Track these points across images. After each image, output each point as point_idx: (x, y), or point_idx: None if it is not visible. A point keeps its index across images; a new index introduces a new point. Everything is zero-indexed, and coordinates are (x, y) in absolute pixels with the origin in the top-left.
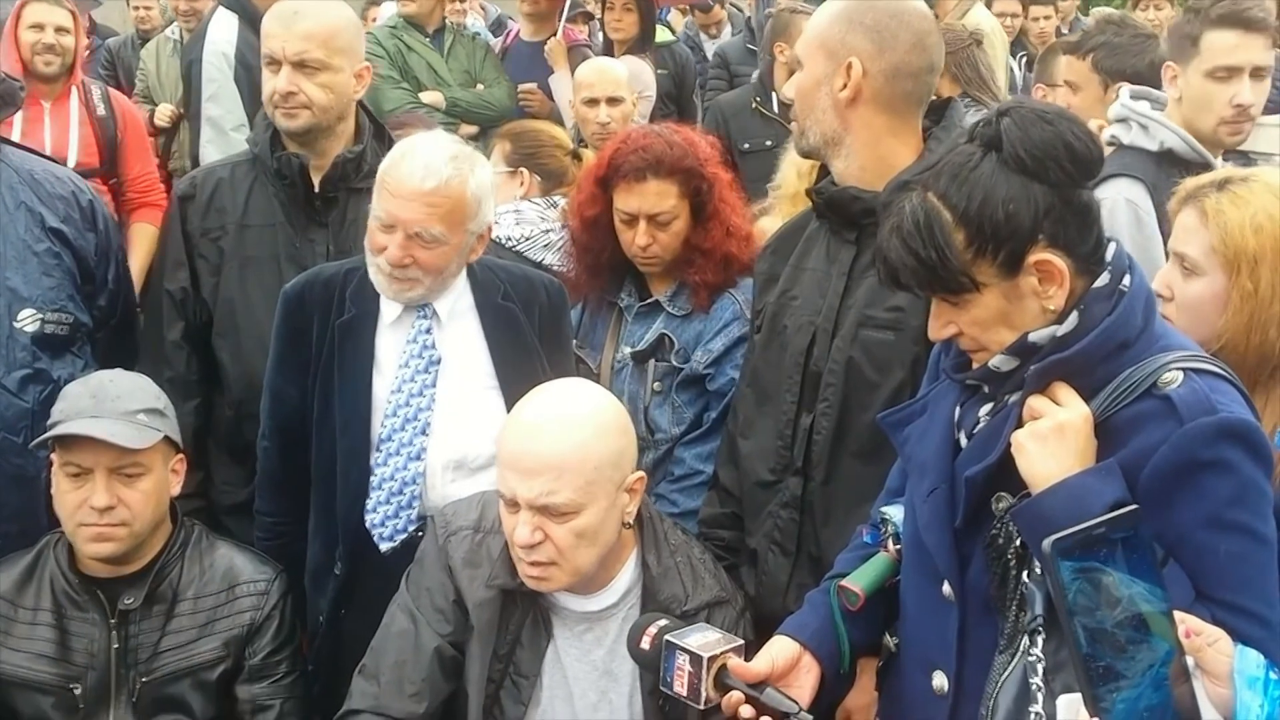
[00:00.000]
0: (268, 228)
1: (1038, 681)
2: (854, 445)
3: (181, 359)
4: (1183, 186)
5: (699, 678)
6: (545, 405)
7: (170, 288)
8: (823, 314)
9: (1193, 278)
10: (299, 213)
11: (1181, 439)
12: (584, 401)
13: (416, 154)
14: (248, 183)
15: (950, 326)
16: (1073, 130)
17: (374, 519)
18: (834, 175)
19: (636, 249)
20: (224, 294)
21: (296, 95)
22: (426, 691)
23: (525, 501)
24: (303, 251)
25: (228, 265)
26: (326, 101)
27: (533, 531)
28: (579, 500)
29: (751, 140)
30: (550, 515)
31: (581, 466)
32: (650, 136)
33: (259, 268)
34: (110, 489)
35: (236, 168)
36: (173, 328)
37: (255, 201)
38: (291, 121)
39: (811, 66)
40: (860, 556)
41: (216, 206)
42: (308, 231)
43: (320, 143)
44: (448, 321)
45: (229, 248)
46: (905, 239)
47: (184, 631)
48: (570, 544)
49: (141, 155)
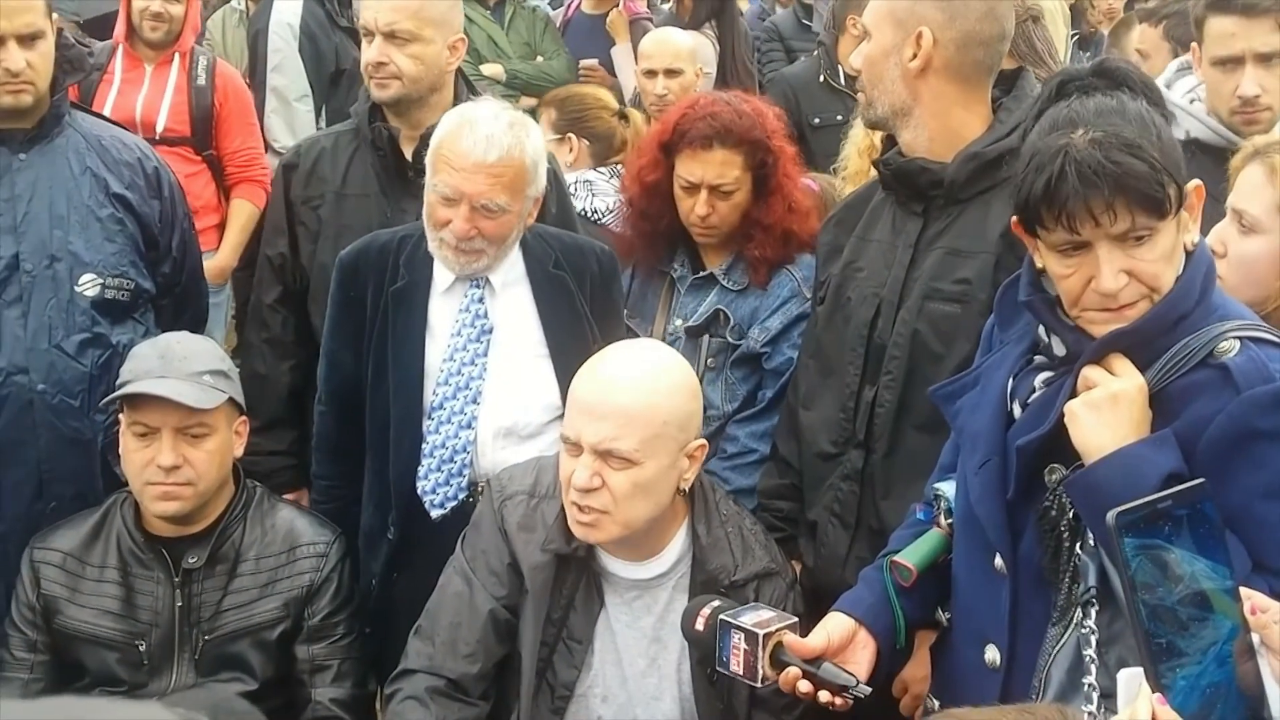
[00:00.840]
0: (363, 198)
1: (1091, 654)
2: (918, 418)
3: (278, 321)
4: (1250, 143)
5: (755, 656)
6: (623, 357)
7: (269, 253)
8: (888, 286)
9: (1251, 235)
10: (393, 183)
11: (1238, 408)
12: (660, 359)
13: (476, 125)
14: (348, 153)
15: (1124, 274)
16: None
17: (425, 486)
18: (901, 146)
19: (695, 218)
20: (319, 261)
21: (387, 66)
22: (480, 653)
23: (589, 445)
24: (394, 221)
25: (325, 233)
26: (416, 72)
27: (591, 476)
28: (642, 451)
29: (822, 115)
30: (611, 462)
31: (650, 419)
32: (719, 104)
33: (353, 237)
34: (176, 448)
35: (340, 137)
36: (270, 291)
37: (354, 171)
38: (383, 92)
39: (880, 36)
40: (914, 533)
41: (318, 175)
42: (401, 202)
43: (414, 114)
44: (500, 290)
45: (327, 216)
46: (1130, 149)
47: (245, 591)
48: (626, 493)
49: (243, 129)
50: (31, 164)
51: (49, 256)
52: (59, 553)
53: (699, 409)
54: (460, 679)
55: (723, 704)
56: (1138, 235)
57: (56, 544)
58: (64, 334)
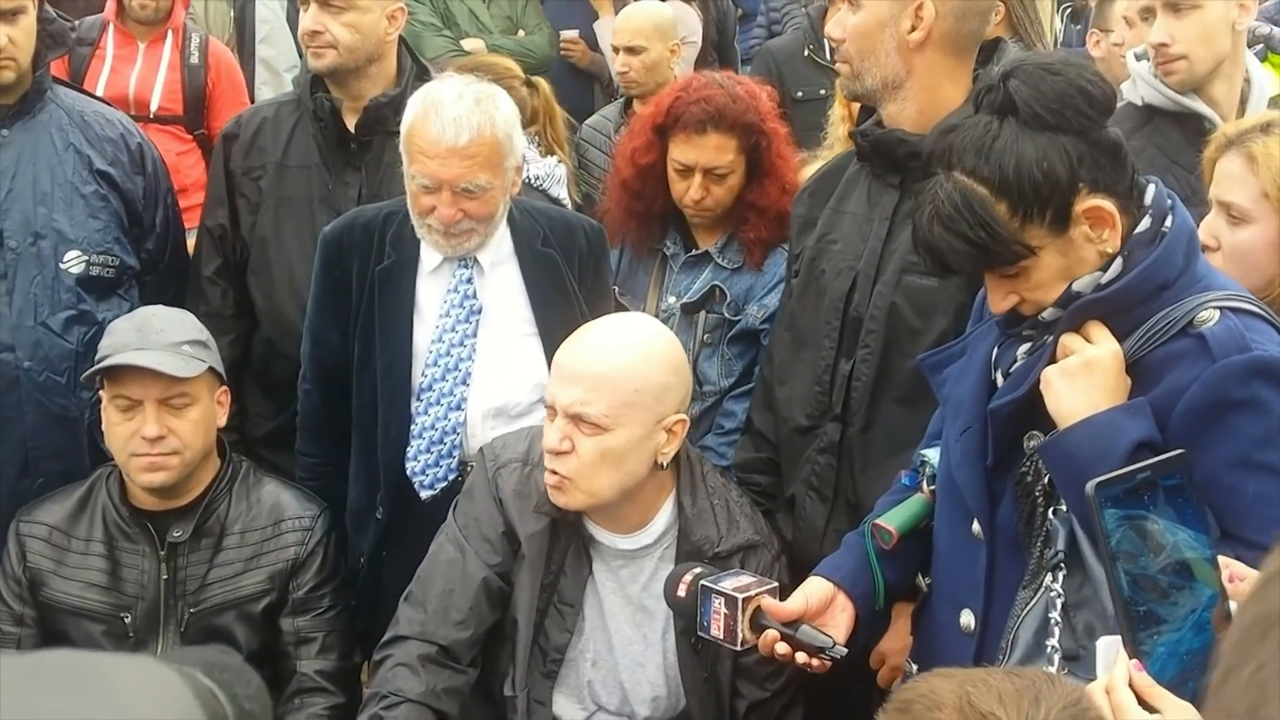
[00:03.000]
0: (304, 169)
1: (1056, 616)
2: (895, 391)
3: (217, 294)
4: (1220, 132)
5: (735, 619)
6: (607, 327)
7: (209, 224)
8: (864, 259)
9: (1241, 225)
10: (334, 155)
11: (1213, 377)
12: (645, 331)
13: (442, 108)
14: (290, 123)
15: (1011, 297)
16: (1082, 74)
17: (414, 467)
18: (884, 118)
19: (689, 201)
20: (260, 233)
21: (322, 34)
22: (472, 620)
23: (561, 407)
24: (336, 194)
25: (265, 204)
26: (352, 41)
27: (561, 439)
28: (611, 418)
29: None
30: (581, 426)
31: (621, 385)
32: (713, 87)
33: (293, 209)
34: (160, 419)
35: (282, 108)
36: (209, 263)
37: (295, 142)
38: (318, 61)
39: (874, 7)
40: (897, 498)
41: (258, 146)
42: (342, 175)
43: (352, 84)
44: (489, 270)
45: (267, 187)
46: (949, 225)
47: (230, 564)
48: (592, 460)
49: (235, 108)
50: (14, 140)
51: (33, 234)
52: (45, 526)
53: (680, 384)
54: (451, 645)
55: (707, 673)
56: (1003, 274)
57: (42, 517)
58: (50, 311)
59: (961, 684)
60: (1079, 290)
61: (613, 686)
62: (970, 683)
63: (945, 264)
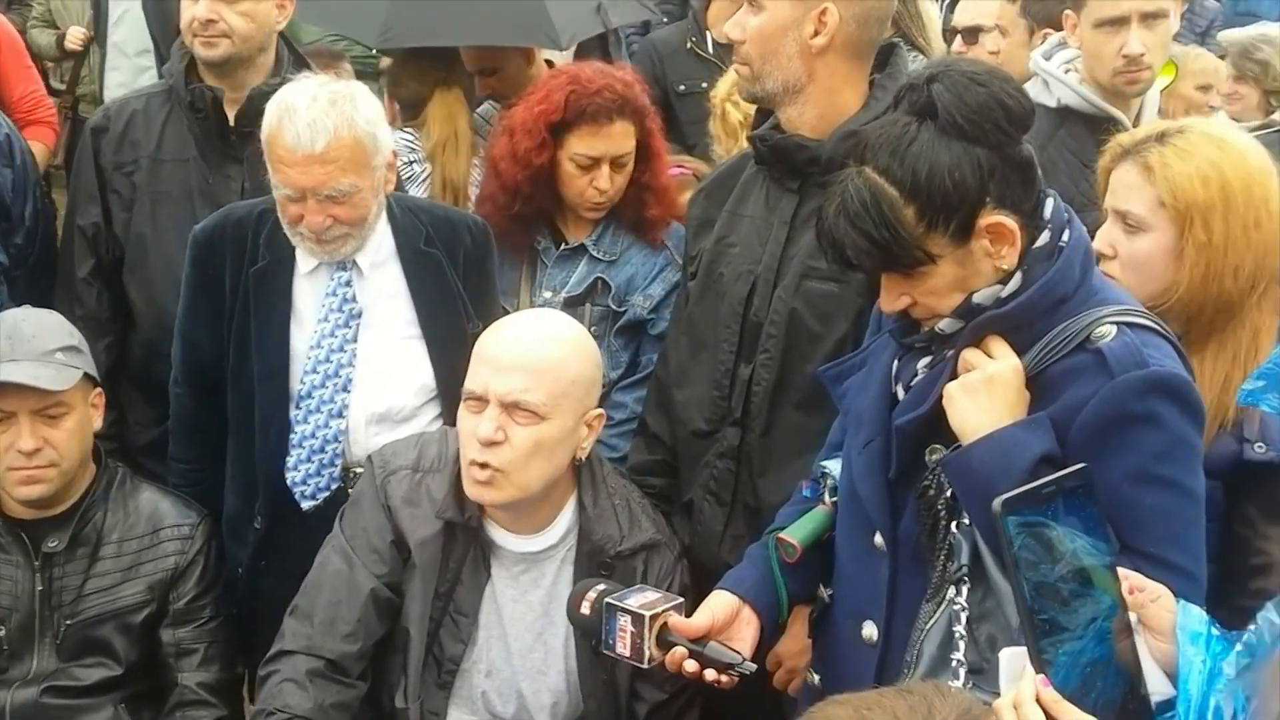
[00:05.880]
0: (181, 162)
1: (960, 630)
2: (795, 396)
3: (92, 296)
4: (1115, 142)
5: (641, 638)
6: (531, 318)
7: (82, 223)
8: (763, 263)
9: (1138, 234)
10: (213, 147)
11: (1111, 392)
12: (568, 324)
13: (296, 113)
14: (162, 115)
15: (904, 299)
16: (1005, 89)
17: (295, 477)
18: (783, 122)
19: (593, 193)
20: (136, 230)
21: (217, 23)
22: (361, 632)
23: (497, 396)
24: (217, 188)
25: (140, 200)
26: (248, 30)
27: (496, 429)
28: (549, 406)
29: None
30: (517, 415)
31: (558, 376)
32: (604, 77)
33: (172, 204)
34: (35, 431)
35: (151, 99)
36: (83, 264)
37: (169, 135)
38: (210, 51)
39: (777, 10)
40: (799, 510)
41: (130, 139)
42: (222, 167)
43: (238, 74)
44: (369, 271)
45: (142, 182)
46: (854, 220)
47: (108, 575)
48: (526, 451)
49: (23, 75)
50: None
51: None
52: None
53: (599, 378)
54: (339, 659)
55: (606, 676)
56: (899, 273)
57: None
58: None
59: (857, 709)
60: (980, 303)
61: (509, 695)
62: (865, 706)
63: (844, 258)
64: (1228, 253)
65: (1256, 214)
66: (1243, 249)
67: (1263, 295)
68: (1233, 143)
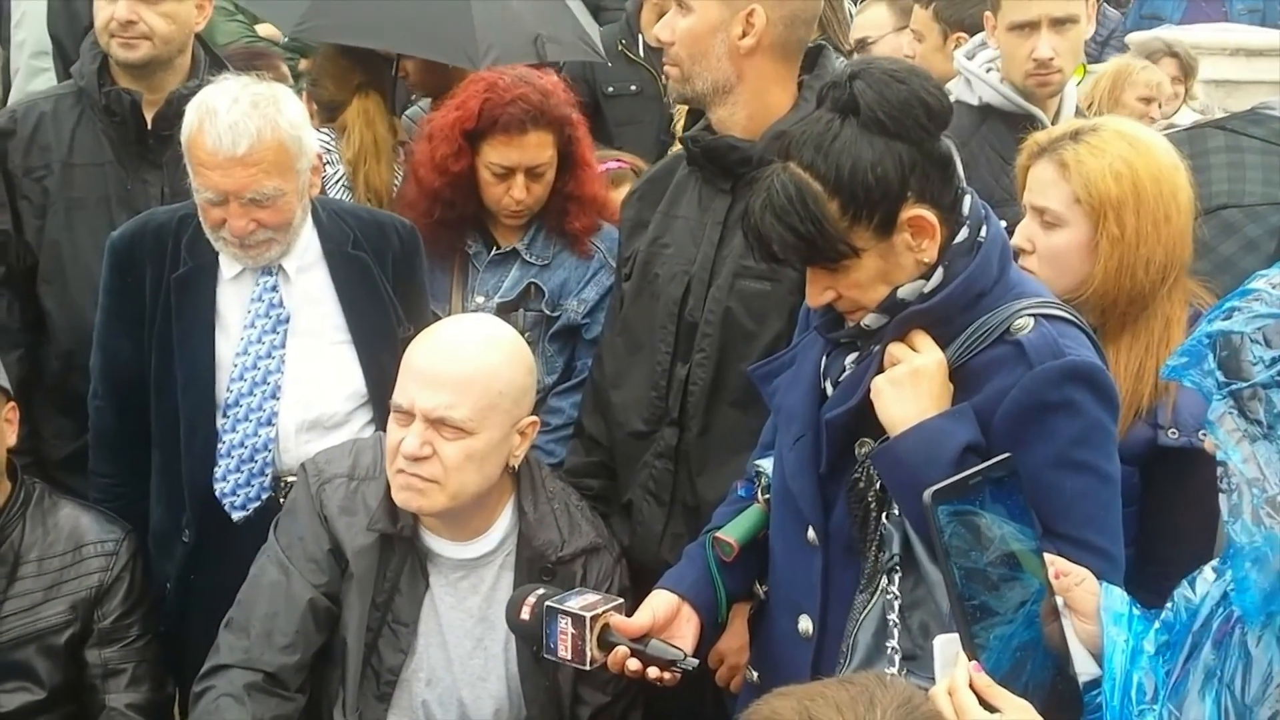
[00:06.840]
0: (95, 167)
1: (894, 618)
2: (731, 395)
3: (2, 307)
4: (1032, 140)
5: (583, 639)
6: (461, 327)
7: None
8: (697, 263)
9: (1055, 229)
10: (130, 152)
11: (1030, 382)
12: (498, 331)
13: (217, 116)
14: (73, 118)
15: (829, 292)
16: (924, 86)
17: (224, 487)
18: (714, 123)
19: (510, 202)
20: (49, 238)
21: (137, 24)
22: (299, 643)
23: (423, 412)
24: (135, 194)
25: (53, 207)
26: (168, 32)
27: (422, 445)
28: (475, 421)
29: (616, 84)
30: (443, 431)
31: (486, 388)
32: (520, 85)
33: (87, 210)
34: None
35: (60, 101)
36: None
37: (81, 139)
38: (130, 53)
39: (705, 11)
40: (735, 510)
41: (40, 144)
42: (140, 172)
43: (157, 76)
44: (295, 275)
45: (54, 188)
46: (780, 214)
47: (28, 595)
48: (457, 464)
49: None
50: None
51: None
52: None
53: (533, 385)
54: (278, 671)
55: (548, 680)
56: (824, 267)
57: None
58: None
59: (800, 700)
60: (904, 298)
61: (450, 704)
62: (808, 698)
63: (770, 252)
64: (1140, 246)
65: (1166, 209)
66: (1154, 242)
67: (1173, 287)
68: (1144, 140)
